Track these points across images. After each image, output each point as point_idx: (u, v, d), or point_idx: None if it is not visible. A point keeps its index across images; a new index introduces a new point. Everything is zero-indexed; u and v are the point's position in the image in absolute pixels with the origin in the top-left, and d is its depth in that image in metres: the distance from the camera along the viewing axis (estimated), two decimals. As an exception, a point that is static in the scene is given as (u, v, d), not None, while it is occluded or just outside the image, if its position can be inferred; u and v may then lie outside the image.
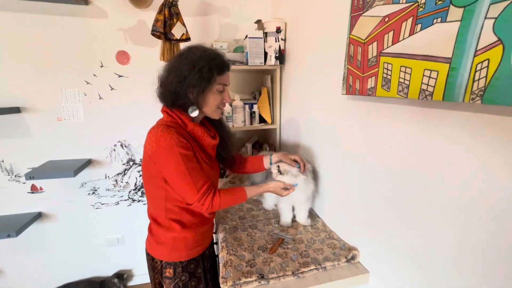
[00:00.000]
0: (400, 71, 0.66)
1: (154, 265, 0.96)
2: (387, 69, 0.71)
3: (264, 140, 1.98)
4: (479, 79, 0.48)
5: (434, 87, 0.57)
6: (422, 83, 0.60)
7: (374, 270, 0.88)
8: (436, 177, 0.62)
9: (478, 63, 0.48)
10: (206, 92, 0.87)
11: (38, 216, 1.75)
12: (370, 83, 0.78)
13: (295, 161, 1.08)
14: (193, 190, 0.84)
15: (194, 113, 0.89)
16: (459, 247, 0.58)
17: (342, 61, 0.94)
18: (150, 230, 0.99)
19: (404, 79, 0.65)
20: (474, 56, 0.49)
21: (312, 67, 1.24)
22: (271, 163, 1.12)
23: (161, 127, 0.83)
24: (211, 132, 0.99)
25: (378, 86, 0.74)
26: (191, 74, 0.83)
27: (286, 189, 1.01)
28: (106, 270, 1.97)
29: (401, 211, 0.74)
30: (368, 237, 0.89)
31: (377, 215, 0.84)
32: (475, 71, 0.49)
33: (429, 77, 0.58)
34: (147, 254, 0.99)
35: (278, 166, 1.05)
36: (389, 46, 0.70)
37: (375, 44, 0.75)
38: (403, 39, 0.65)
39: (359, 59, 0.83)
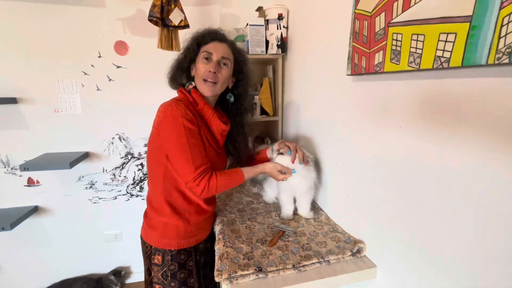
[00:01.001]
0: (412, 40, 0.60)
1: (145, 250, 0.95)
2: (397, 40, 0.65)
3: (266, 133, 1.92)
4: (506, 35, 0.42)
5: (451, 52, 0.51)
6: (437, 49, 0.54)
7: (382, 265, 0.81)
8: (455, 161, 0.55)
9: (505, 16, 0.42)
10: (196, 61, 0.92)
11: (35, 209, 1.71)
12: (378, 58, 0.71)
13: (289, 147, 1.03)
14: (190, 167, 0.80)
15: (190, 86, 0.93)
16: (481, 241, 0.51)
17: (347, 42, 0.88)
18: (145, 213, 0.99)
19: (416, 48, 0.59)
20: (500, 9, 0.43)
21: (316, 53, 1.18)
22: (272, 152, 1.07)
23: (172, 100, 0.86)
24: (223, 118, 1.00)
25: (387, 60, 0.68)
26: (184, 51, 0.94)
27: (283, 174, 0.96)
28: (104, 267, 1.92)
29: (413, 200, 0.67)
30: (376, 229, 0.82)
31: (386, 205, 0.77)
32: (501, 26, 0.42)
33: (445, 41, 0.52)
34: (141, 237, 0.99)
35: (278, 150, 1.01)
36: (399, 15, 0.64)
37: (382, 15, 0.69)
38: (415, 3, 0.59)
39: (365, 34, 0.77)
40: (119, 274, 1.82)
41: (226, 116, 1.04)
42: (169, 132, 0.81)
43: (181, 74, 0.95)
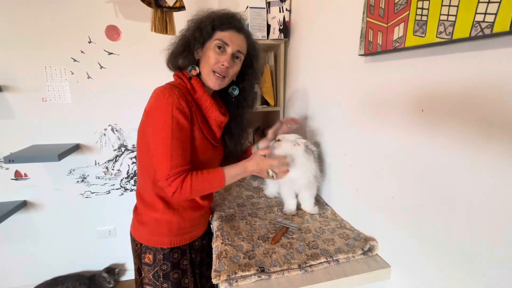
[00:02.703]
0: (442, 5, 0.51)
1: (135, 248, 0.88)
2: (422, 8, 0.56)
3: (267, 125, 1.83)
4: None
5: (496, 14, 0.42)
6: (476, 13, 0.45)
7: (396, 264, 0.73)
8: (488, 153, 0.47)
9: None
10: (205, 48, 0.81)
11: (23, 204, 1.63)
12: (397, 32, 0.63)
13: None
14: (167, 164, 0.72)
15: (194, 72, 0.82)
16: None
17: (359, 19, 0.79)
18: (135, 208, 0.91)
19: (448, 15, 0.50)
20: None
21: (322, 36, 1.09)
22: (258, 148, 1.02)
23: (166, 85, 0.77)
24: (221, 108, 0.91)
25: (409, 33, 0.59)
26: (193, 27, 0.81)
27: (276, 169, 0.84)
28: (97, 264, 1.84)
29: (436, 192, 0.59)
30: (390, 225, 0.75)
31: (403, 198, 0.69)
32: None
33: (488, 2, 0.43)
34: (130, 234, 0.91)
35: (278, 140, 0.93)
36: (426, -22, 0.55)
37: (405, -19, 0.60)
38: (448, -39, 0.50)
39: (382, 6, 0.68)
40: (113, 271, 1.75)
41: (225, 107, 0.94)
42: (155, 120, 0.73)
43: (184, 55, 0.83)
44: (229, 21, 0.80)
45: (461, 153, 0.52)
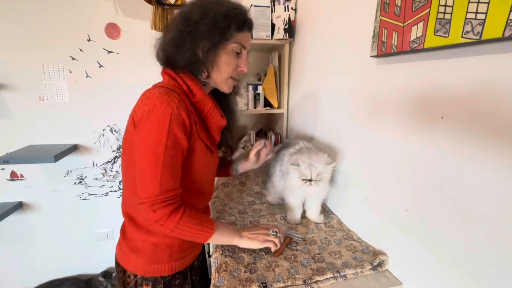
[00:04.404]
0: (470, 2, 0.46)
1: (125, 280, 0.72)
2: (445, 6, 0.51)
3: (269, 127, 1.78)
4: None
5: (536, 11, 0.37)
6: (511, 10, 0.40)
7: (409, 281, 0.68)
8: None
9: None
10: (219, 50, 0.68)
11: (19, 206, 1.59)
12: (415, 32, 0.58)
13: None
14: (154, 186, 0.60)
15: (204, 75, 0.70)
16: None
17: (371, 18, 0.74)
18: (123, 231, 0.75)
19: (476, 13, 0.45)
20: None
21: (329, 37, 1.04)
22: (237, 169, 0.96)
23: (160, 89, 0.63)
24: (219, 110, 0.79)
25: (429, 33, 0.54)
26: (202, 20, 0.64)
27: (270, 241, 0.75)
28: (94, 267, 1.79)
29: (456, 205, 0.54)
30: (401, 238, 0.69)
31: (417, 210, 0.64)
32: None
33: (527, -3, 0.38)
34: (117, 264, 0.75)
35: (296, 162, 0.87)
36: (450, -28, 0.50)
37: (425, -24, 0.55)
38: (477, -47, 0.45)
39: (398, 4, 0.63)
40: (110, 275, 1.70)
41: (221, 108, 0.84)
42: (147, 132, 0.60)
43: (186, 50, 0.66)
44: (247, 21, 0.70)
45: (485, 164, 0.47)
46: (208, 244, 0.97)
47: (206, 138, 0.72)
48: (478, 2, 0.45)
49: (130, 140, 0.65)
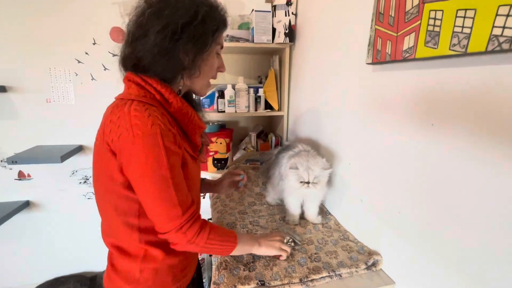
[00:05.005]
0: (457, 16, 0.49)
1: None
2: (435, 19, 0.53)
3: (270, 129, 1.81)
4: None
5: (515, 28, 0.40)
6: (493, 26, 0.43)
7: (402, 281, 0.71)
8: (501, 169, 0.45)
9: None
10: (207, 53, 0.62)
11: (26, 204, 1.63)
12: (408, 42, 0.60)
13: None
14: (175, 210, 0.56)
15: (182, 83, 0.64)
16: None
17: (367, 25, 0.76)
18: (111, 264, 0.66)
19: (463, 27, 0.48)
20: None
21: (328, 42, 1.06)
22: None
23: (134, 104, 0.54)
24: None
25: (420, 44, 0.57)
26: (193, 23, 0.56)
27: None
28: (99, 265, 1.85)
29: (446, 207, 0.56)
30: (395, 239, 0.72)
31: (411, 212, 0.66)
32: None
33: (507, 15, 0.41)
34: None
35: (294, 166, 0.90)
36: (439, -13, 0.52)
37: (416, -11, 0.58)
38: (463, -30, 0.47)
39: (392, 14, 0.65)
40: (114, 273, 1.74)
41: None
42: (140, 158, 0.53)
43: (170, 56, 0.57)
44: (227, 18, 0.66)
45: (475, 168, 0.50)
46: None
47: (188, 147, 0.65)
48: (464, 17, 0.47)
49: (107, 168, 0.57)
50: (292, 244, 0.82)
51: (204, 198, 0.96)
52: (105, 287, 0.69)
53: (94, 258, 1.83)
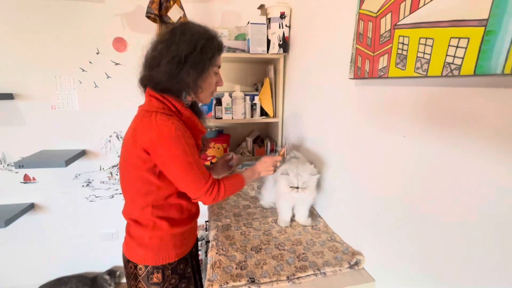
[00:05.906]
0: (419, 44, 0.56)
1: (137, 273, 0.83)
2: (403, 44, 0.60)
3: (266, 135, 1.88)
4: (526, 42, 0.38)
5: (463, 58, 0.46)
6: (446, 55, 0.49)
7: (381, 279, 0.77)
8: (463, 172, 0.51)
9: (526, 21, 0.38)
10: (205, 75, 0.81)
11: (31, 207, 1.70)
12: (382, 62, 0.67)
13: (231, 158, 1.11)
14: (201, 182, 0.79)
15: (189, 98, 0.84)
16: (490, 255, 0.47)
17: (351, 43, 0.83)
18: (128, 232, 0.86)
19: (424, 53, 0.54)
20: (520, 12, 0.38)
21: (318, 54, 1.14)
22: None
23: (158, 115, 0.74)
24: None
25: (391, 64, 0.64)
26: (193, 53, 0.75)
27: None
28: (100, 266, 1.90)
29: (417, 211, 0.63)
30: (375, 241, 0.79)
31: (387, 216, 0.73)
32: (521, 32, 0.38)
33: (457, 47, 0.48)
34: (127, 261, 0.85)
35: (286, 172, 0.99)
36: (406, 16, 0.59)
37: (388, 16, 0.65)
38: (424, 4, 0.54)
39: (370, 36, 0.72)
40: (114, 273, 1.81)
41: None
42: (171, 153, 0.73)
43: (181, 78, 0.76)
44: (222, 44, 0.84)
45: (440, 175, 0.56)
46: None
47: (197, 147, 0.86)
48: (425, 45, 0.54)
49: (136, 160, 0.76)
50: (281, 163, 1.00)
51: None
52: (123, 250, 0.88)
53: (95, 259, 1.89)
